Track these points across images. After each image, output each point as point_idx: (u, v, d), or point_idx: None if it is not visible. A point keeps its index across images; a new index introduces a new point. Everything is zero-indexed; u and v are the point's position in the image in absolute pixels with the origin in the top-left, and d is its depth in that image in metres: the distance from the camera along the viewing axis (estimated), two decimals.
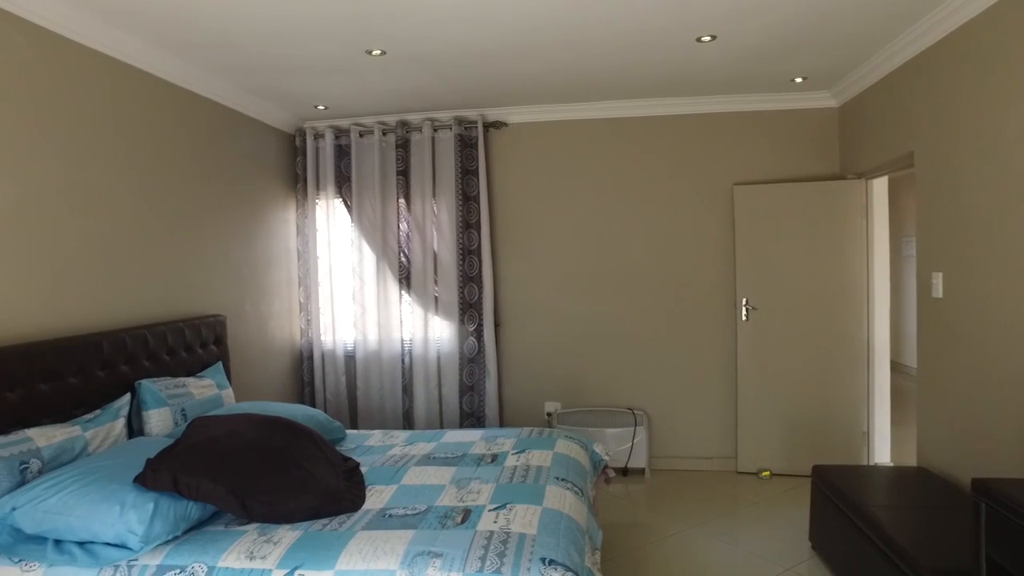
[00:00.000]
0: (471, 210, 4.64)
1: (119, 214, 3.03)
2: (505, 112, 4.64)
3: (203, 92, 3.66)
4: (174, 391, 3.02)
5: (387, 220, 4.70)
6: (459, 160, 4.62)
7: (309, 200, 4.74)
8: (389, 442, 3.27)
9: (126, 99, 3.09)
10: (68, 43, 2.76)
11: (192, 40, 3.09)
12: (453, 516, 2.24)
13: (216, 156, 3.82)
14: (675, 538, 3.46)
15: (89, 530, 2.05)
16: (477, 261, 4.64)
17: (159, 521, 2.06)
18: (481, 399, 4.67)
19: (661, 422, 4.62)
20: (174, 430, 2.93)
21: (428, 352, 4.68)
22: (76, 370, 2.62)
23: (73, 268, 2.75)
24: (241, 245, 4.08)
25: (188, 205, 3.54)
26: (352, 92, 4.09)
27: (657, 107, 4.50)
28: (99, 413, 2.63)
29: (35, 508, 2.08)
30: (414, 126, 4.67)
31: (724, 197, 4.50)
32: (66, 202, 2.73)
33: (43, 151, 2.62)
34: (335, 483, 2.48)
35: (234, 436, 2.47)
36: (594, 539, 2.33)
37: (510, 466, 2.76)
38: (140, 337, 2.98)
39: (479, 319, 4.64)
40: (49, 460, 2.32)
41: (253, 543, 2.09)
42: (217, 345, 3.60)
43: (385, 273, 4.69)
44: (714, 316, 4.54)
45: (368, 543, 2.05)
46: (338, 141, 4.76)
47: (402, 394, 4.70)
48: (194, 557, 2.04)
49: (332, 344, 4.77)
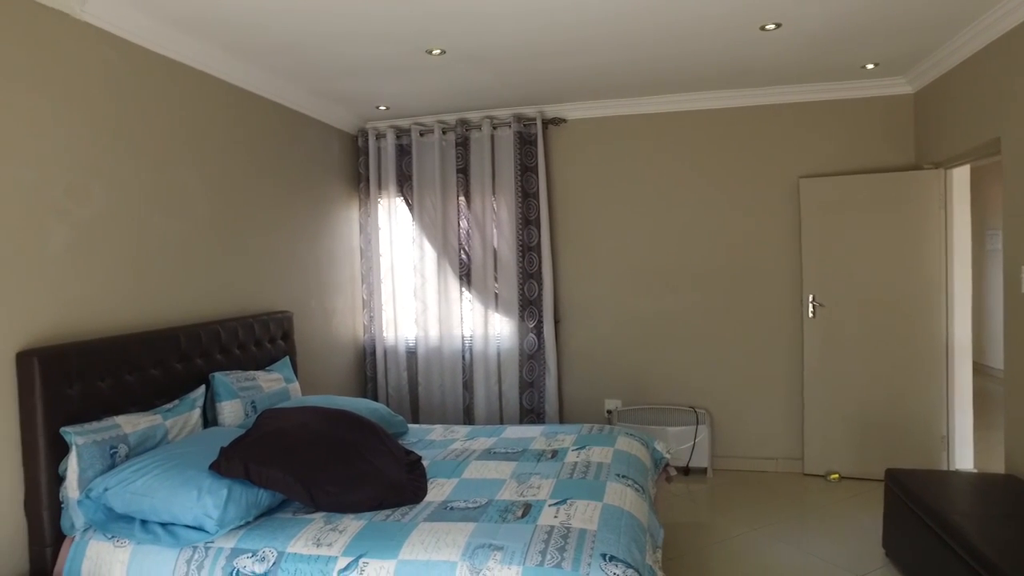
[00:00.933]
0: (530, 207, 4.65)
1: (194, 215, 3.17)
2: (564, 108, 4.63)
3: (271, 96, 3.79)
4: (244, 384, 3.14)
5: (447, 218, 4.76)
6: (518, 157, 4.63)
7: (371, 199, 4.85)
8: (450, 437, 3.32)
9: (201, 105, 3.24)
10: (150, 54, 2.90)
11: (260, 46, 3.21)
12: (513, 510, 2.25)
13: (283, 158, 3.95)
14: (739, 539, 3.38)
15: (170, 512, 2.16)
16: (537, 258, 4.64)
17: (232, 506, 2.15)
18: (541, 395, 4.67)
19: (724, 421, 4.52)
20: (245, 421, 3.05)
21: (488, 348, 4.71)
22: (157, 362, 2.77)
23: (153, 266, 2.90)
24: (307, 244, 4.21)
25: (257, 206, 3.68)
26: (412, 92, 4.15)
27: (719, 99, 4.40)
28: (177, 403, 2.77)
29: (124, 489, 2.21)
30: (473, 124, 4.71)
31: (789, 190, 4.36)
32: (148, 204, 2.88)
33: (128, 157, 2.77)
34: (398, 476, 2.53)
35: (302, 428, 2.55)
36: (655, 537, 2.30)
37: (570, 462, 2.76)
38: (213, 332, 3.11)
39: (539, 315, 4.65)
40: (135, 445, 2.45)
41: (320, 531, 2.16)
42: (284, 340, 3.73)
43: (446, 270, 4.75)
44: (779, 312, 4.41)
45: (430, 534, 2.08)
46: (399, 141, 4.85)
47: (463, 390, 4.75)
48: (265, 542, 2.12)
49: (394, 340, 4.86)
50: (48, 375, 2.27)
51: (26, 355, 2.25)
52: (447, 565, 1.94)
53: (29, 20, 2.35)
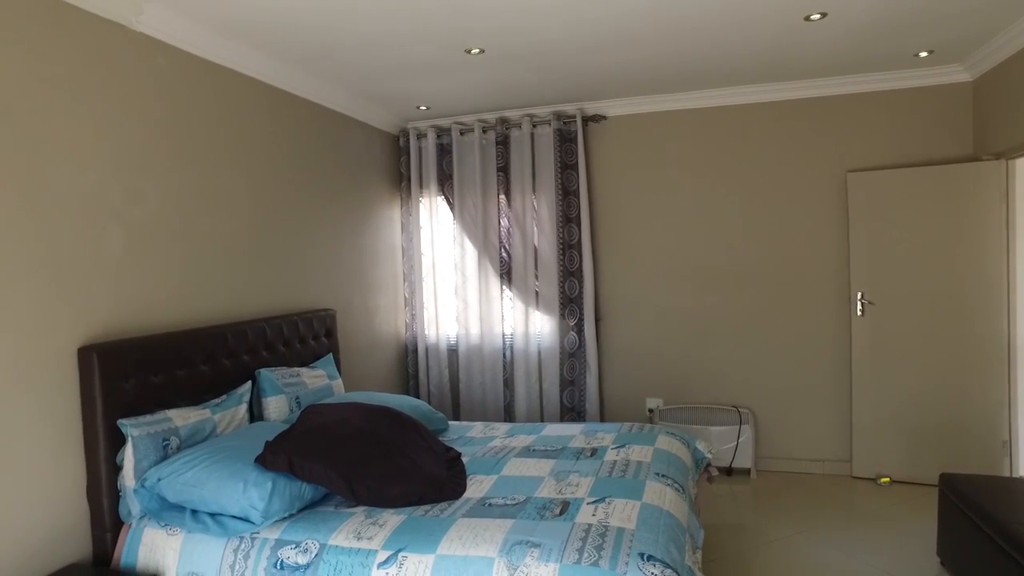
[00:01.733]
0: (571, 205, 4.63)
1: (241, 216, 3.27)
2: (603, 105, 4.60)
3: (314, 98, 3.87)
4: (289, 380, 3.22)
5: (488, 216, 4.78)
6: (558, 155, 4.62)
7: (413, 198, 4.91)
8: (490, 434, 3.34)
9: (247, 109, 3.33)
10: (198, 60, 3.00)
11: (303, 50, 3.28)
12: (551, 508, 2.26)
13: (326, 159, 4.03)
14: (783, 543, 3.31)
15: (218, 503, 2.24)
16: (577, 255, 4.63)
17: (277, 499, 2.21)
18: (581, 394, 4.66)
19: (768, 421, 4.43)
20: (289, 416, 3.12)
21: (529, 346, 4.72)
22: (206, 359, 2.86)
23: (202, 266, 3.00)
24: (350, 243, 4.29)
25: (301, 206, 3.76)
26: (452, 92, 4.19)
27: (762, 93, 4.31)
28: (225, 398, 2.86)
29: (175, 480, 2.30)
30: (513, 122, 4.72)
31: (836, 185, 4.24)
32: (197, 206, 2.98)
33: (178, 160, 2.87)
34: (437, 471, 2.56)
35: (344, 424, 2.60)
36: (695, 538, 2.28)
37: (609, 460, 2.74)
38: (259, 329, 3.20)
39: (579, 314, 4.63)
40: (185, 438, 2.55)
41: (360, 524, 2.21)
42: (328, 338, 3.81)
43: (486, 268, 4.77)
44: (825, 310, 4.29)
45: (468, 530, 2.10)
46: (440, 140, 4.89)
47: (503, 387, 4.77)
48: (307, 534, 2.18)
49: (436, 338, 4.91)
50: (106, 369, 2.37)
51: (86, 350, 2.36)
52: (484, 561, 1.96)
53: (87, 32, 2.46)
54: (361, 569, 2.02)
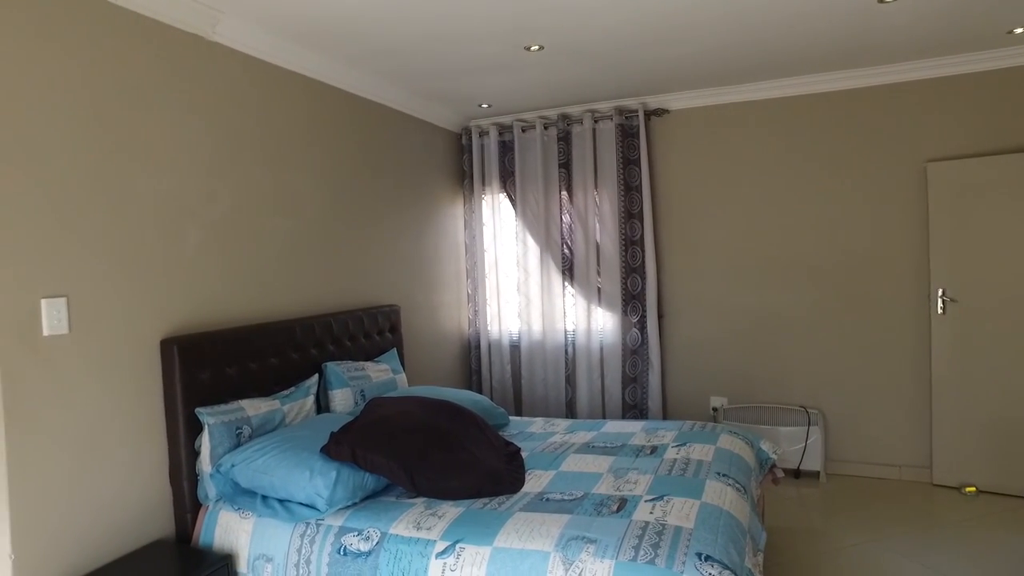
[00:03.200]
0: (633, 200, 4.59)
1: (309, 215, 3.39)
2: (666, 99, 4.53)
3: (378, 99, 3.97)
4: (355, 373, 3.33)
5: (550, 212, 4.78)
6: (620, 150, 4.58)
7: (475, 195, 4.97)
8: (550, 430, 3.35)
9: (314, 111, 3.45)
10: (267, 66, 3.13)
11: (367, 52, 3.37)
12: (609, 504, 2.25)
13: (390, 157, 4.13)
14: (854, 550, 3.18)
15: (286, 490, 2.34)
16: (640, 252, 4.57)
17: (340, 488, 2.29)
18: (644, 391, 4.61)
19: (839, 423, 4.26)
20: (354, 408, 3.22)
21: (591, 343, 4.70)
22: (276, 352, 2.99)
23: (272, 263, 3.13)
24: (414, 240, 4.38)
25: (366, 204, 3.87)
26: (513, 89, 4.21)
27: (833, 81, 4.13)
28: (293, 390, 2.98)
29: (247, 466, 2.42)
30: (575, 118, 4.71)
31: (914, 176, 4.03)
32: (267, 206, 3.11)
33: (250, 162, 3.01)
34: (496, 465, 2.59)
35: (406, 416, 2.67)
36: (756, 540, 2.22)
37: (669, 458, 2.71)
38: (326, 324, 3.32)
39: (642, 310, 4.58)
40: (256, 427, 2.67)
41: (420, 515, 2.26)
42: (392, 333, 3.90)
43: (549, 265, 4.78)
44: (902, 308, 4.08)
45: (525, 524, 2.12)
46: (502, 137, 4.93)
47: (565, 384, 4.77)
48: (369, 522, 2.25)
49: (498, 334, 4.96)
50: (185, 361, 2.52)
51: (168, 343, 2.51)
52: (540, 555, 1.97)
53: (168, 44, 2.61)
54: (420, 558, 2.08)
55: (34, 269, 2.12)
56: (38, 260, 2.14)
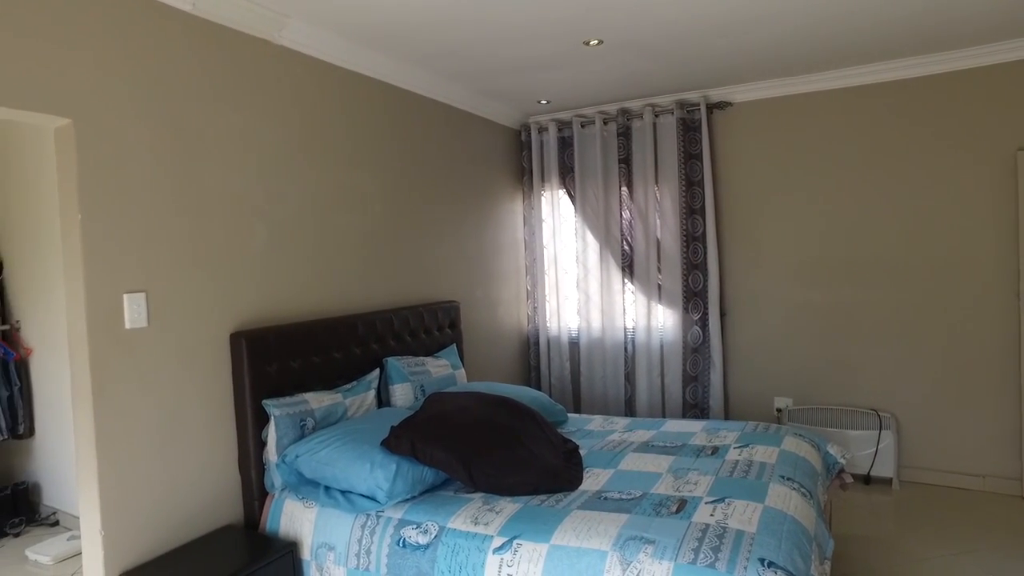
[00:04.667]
0: (695, 196, 4.49)
1: (371, 211, 3.46)
2: (729, 91, 4.40)
3: (438, 97, 4.02)
4: (415, 368, 3.38)
5: (610, 209, 4.74)
6: (681, 145, 4.49)
7: (535, 192, 4.96)
8: (609, 428, 3.32)
9: (375, 110, 3.52)
10: (331, 68, 3.21)
11: (428, 52, 3.41)
12: (668, 505, 2.21)
13: (450, 155, 4.17)
14: (932, 564, 3.01)
15: (348, 481, 2.40)
16: (702, 248, 4.48)
17: (400, 481, 2.33)
18: (705, 390, 4.51)
19: (914, 428, 4.05)
20: (414, 403, 3.27)
21: (651, 340, 4.63)
22: (338, 346, 3.06)
23: (335, 260, 3.21)
24: (474, 237, 4.42)
25: (427, 201, 3.92)
26: (572, 85, 4.18)
27: (909, 68, 3.91)
28: (355, 384, 3.04)
29: (311, 458, 2.49)
30: (635, 113, 4.64)
31: (1003, 165, 3.78)
32: (331, 204, 3.19)
33: (314, 162, 3.10)
34: (554, 463, 2.58)
35: (465, 412, 2.70)
36: (823, 547, 2.14)
37: (731, 460, 2.64)
38: (387, 319, 3.38)
39: (704, 308, 4.48)
40: (320, 420, 2.75)
41: (478, 510, 2.28)
42: (452, 328, 3.95)
43: (608, 261, 4.73)
44: (987, 307, 3.85)
45: (583, 522, 2.11)
46: (561, 133, 4.90)
47: (624, 381, 4.72)
48: (428, 516, 2.28)
49: (557, 330, 4.95)
50: (253, 354, 2.61)
51: (237, 336, 2.61)
52: (597, 554, 1.96)
53: (237, 48, 2.70)
54: (477, 553, 2.09)
55: (117, 266, 2.24)
56: (120, 258, 2.26)
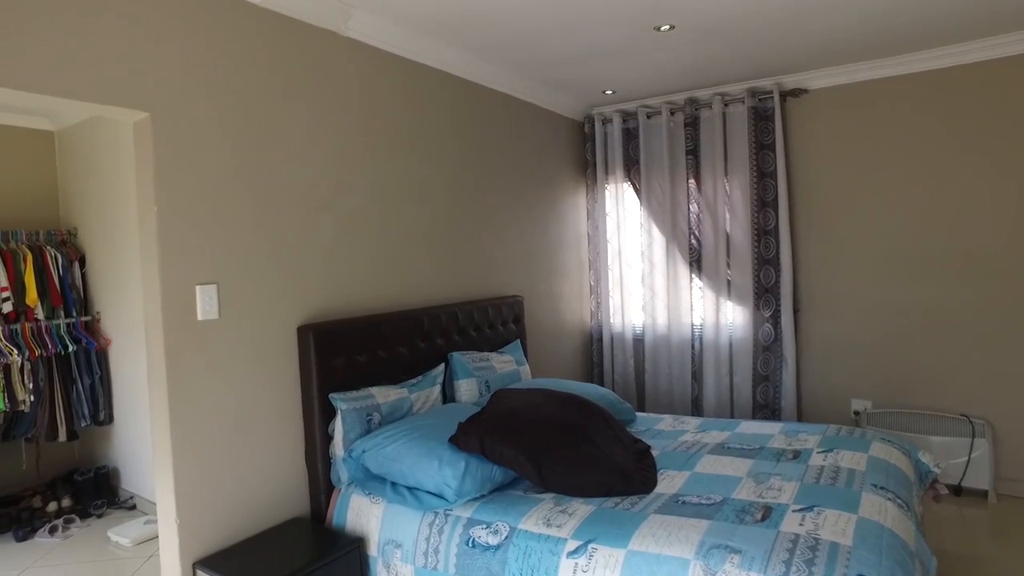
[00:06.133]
0: (767, 187, 4.29)
1: (435, 204, 3.42)
2: (804, 78, 4.18)
3: (502, 88, 3.95)
4: (479, 364, 3.32)
5: (676, 202, 4.58)
6: (753, 134, 4.29)
7: (598, 185, 4.85)
8: (680, 428, 3.19)
9: (440, 101, 3.47)
10: (396, 59, 3.17)
11: (493, 42, 3.34)
12: (751, 512, 2.08)
13: (513, 147, 4.10)
14: None
15: (415, 478, 2.35)
16: (774, 242, 4.28)
17: (469, 479, 2.27)
18: (776, 390, 4.31)
19: (1012, 436, 3.76)
20: (479, 399, 3.22)
21: (719, 338, 4.46)
22: (404, 341, 3.03)
23: (400, 253, 3.18)
24: (537, 230, 4.33)
25: (489, 194, 3.86)
26: (639, 74, 4.05)
27: (1007, 45, 3.62)
28: (420, 379, 3.01)
29: (377, 453, 2.46)
30: (703, 103, 4.47)
31: None
32: (396, 197, 3.16)
33: (380, 154, 3.07)
34: (626, 463, 2.48)
35: (533, 409, 2.62)
36: (926, 565, 1.97)
37: (816, 465, 2.48)
38: (452, 314, 3.33)
39: (775, 304, 4.29)
40: (386, 415, 2.72)
41: (550, 511, 2.20)
42: (516, 324, 3.88)
43: (675, 256, 4.58)
44: None
45: (661, 527, 2.01)
46: (625, 125, 4.77)
47: (691, 380, 4.57)
48: (498, 516, 2.21)
49: (621, 327, 4.82)
50: (320, 347, 2.60)
51: (304, 329, 2.60)
52: (679, 562, 1.85)
53: (304, 41, 2.69)
54: (550, 556, 2.01)
55: (190, 258, 2.26)
56: (193, 250, 2.27)
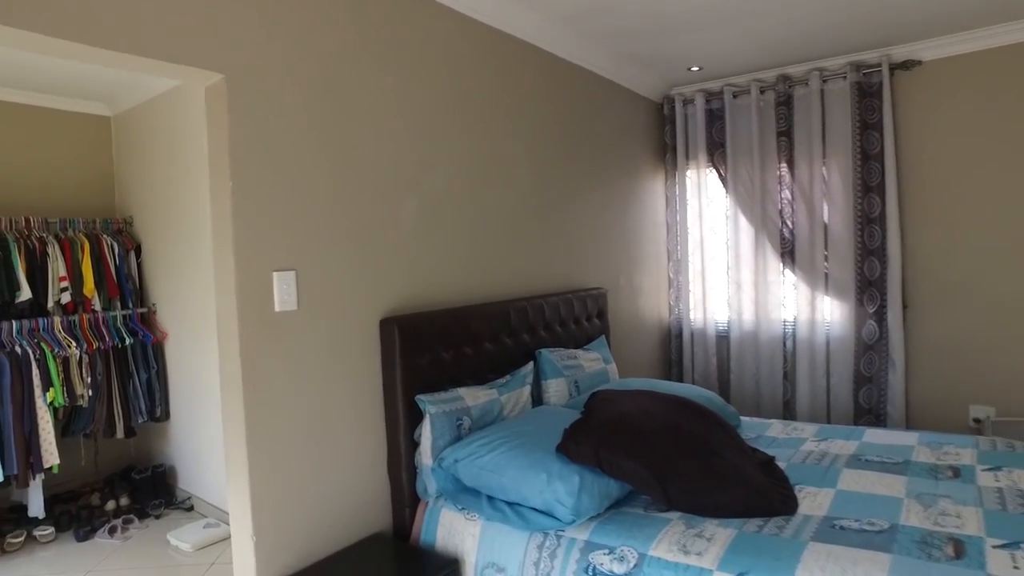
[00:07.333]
0: (872, 171, 3.89)
1: (521, 186, 3.12)
2: (917, 48, 3.77)
3: (582, 63, 3.62)
4: (567, 362, 3.02)
5: (766, 188, 4.20)
6: (856, 113, 3.89)
7: (678, 170, 4.50)
8: (794, 434, 2.84)
9: (522, 76, 3.16)
10: (480, 26, 2.88)
11: (582, 8, 3.03)
12: (937, 545, 1.73)
13: (593, 128, 3.77)
14: None
15: (519, 493, 2.06)
16: (879, 231, 3.88)
17: (586, 496, 1.97)
18: (882, 394, 3.92)
19: None
20: (569, 401, 2.92)
21: (815, 336, 4.08)
22: (490, 336, 2.74)
23: (485, 238, 2.89)
24: (617, 218, 4.01)
25: (571, 178, 3.55)
26: (729, 48, 3.69)
27: None
28: (509, 379, 2.71)
29: (472, 463, 2.17)
30: (797, 79, 4.08)
31: None
32: (481, 176, 2.87)
33: (464, 129, 2.78)
34: (759, 478, 2.15)
35: (646, 415, 2.31)
36: None
37: (989, 487, 2.11)
38: (538, 307, 3.03)
39: (881, 299, 3.89)
40: (476, 419, 2.43)
41: (683, 535, 1.88)
42: (599, 318, 3.56)
43: (764, 247, 4.21)
44: None
45: (829, 560, 1.67)
46: (709, 105, 4.41)
47: (782, 380, 4.19)
48: (622, 539, 1.91)
49: (702, 322, 4.47)
50: (405, 342, 2.32)
51: (388, 322, 2.33)
52: None
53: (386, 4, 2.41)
54: None
55: (267, 240, 2.00)
56: (270, 231, 2.01)
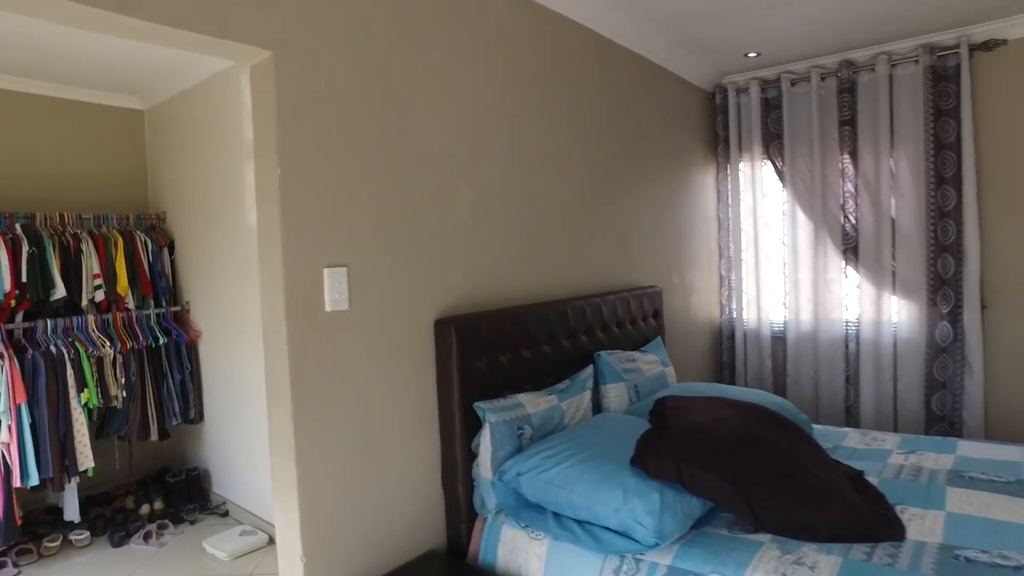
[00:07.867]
0: (946, 162, 3.63)
1: (575, 177, 2.93)
2: (1000, 26, 3.50)
3: (636, 49, 3.42)
4: (627, 365, 2.83)
5: (827, 180, 3.96)
6: (929, 99, 3.64)
7: (731, 162, 4.27)
8: (877, 446, 2.61)
9: (577, 61, 2.97)
10: (534, 7, 2.69)
11: None
12: None
13: (644, 118, 3.56)
14: None
15: (590, 511, 1.88)
16: (954, 226, 3.62)
17: (669, 516, 1.77)
18: (957, 400, 3.65)
19: None
20: (630, 407, 2.73)
21: (880, 338, 3.83)
22: (548, 337, 2.56)
23: (540, 232, 2.71)
24: (669, 213, 3.80)
25: (624, 169, 3.35)
26: (790, 30, 3.46)
27: None
28: (568, 384, 2.52)
29: (537, 477, 2.00)
30: (862, 65, 3.83)
31: None
32: (535, 167, 2.69)
33: (518, 116, 2.60)
34: (854, 496, 1.94)
35: (722, 424, 2.11)
36: None
37: None
38: (595, 306, 2.84)
39: (956, 299, 3.62)
40: (537, 427, 2.25)
41: (779, 561, 1.68)
42: (655, 318, 3.36)
43: (824, 243, 3.97)
44: None
45: None
46: (764, 94, 4.17)
47: (844, 385, 3.95)
48: (710, 566, 1.71)
49: (756, 322, 4.24)
50: (462, 345, 2.15)
51: (443, 323, 2.16)
52: None
53: None
54: None
55: (317, 234, 1.84)
56: (320, 223, 1.85)
